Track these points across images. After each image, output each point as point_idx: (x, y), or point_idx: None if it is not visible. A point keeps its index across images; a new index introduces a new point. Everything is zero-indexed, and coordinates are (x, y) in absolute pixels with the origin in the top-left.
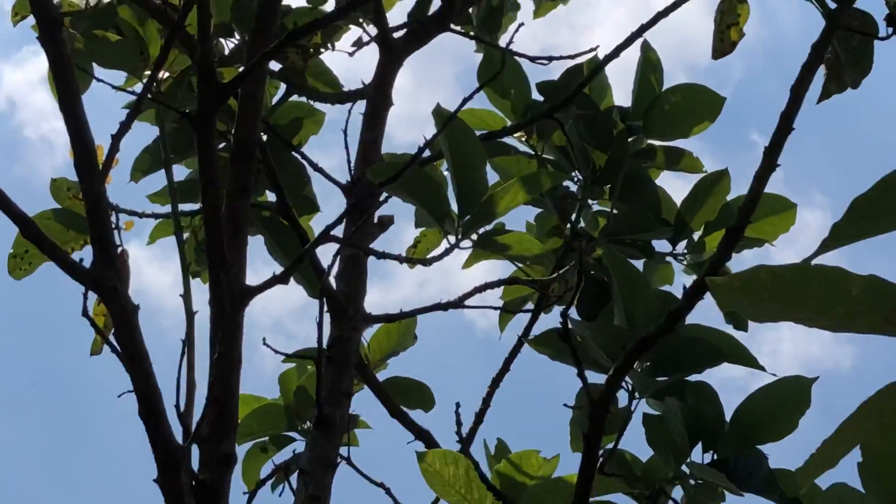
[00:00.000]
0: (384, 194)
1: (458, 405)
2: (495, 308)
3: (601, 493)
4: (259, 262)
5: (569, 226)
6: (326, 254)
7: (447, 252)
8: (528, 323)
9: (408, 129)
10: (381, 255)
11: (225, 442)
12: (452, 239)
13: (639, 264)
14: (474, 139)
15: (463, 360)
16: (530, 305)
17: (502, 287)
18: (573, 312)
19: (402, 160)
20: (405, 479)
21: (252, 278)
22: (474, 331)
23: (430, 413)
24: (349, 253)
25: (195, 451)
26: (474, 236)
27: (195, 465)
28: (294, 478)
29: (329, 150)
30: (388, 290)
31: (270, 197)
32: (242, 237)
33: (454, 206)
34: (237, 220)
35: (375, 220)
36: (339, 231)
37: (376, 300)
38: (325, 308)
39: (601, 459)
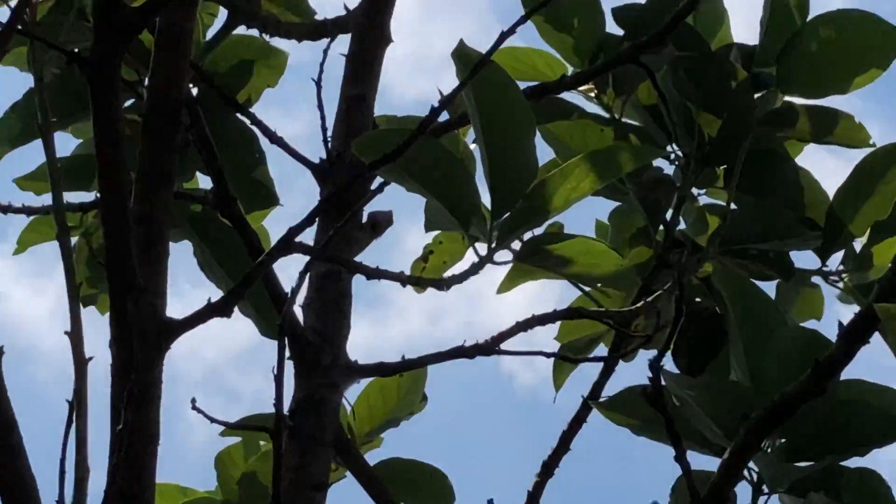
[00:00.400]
0: (378, 180)
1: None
2: (547, 355)
3: None
4: (185, 282)
5: (661, 228)
6: (289, 270)
7: (475, 269)
8: (599, 377)
9: (414, 80)
10: (374, 274)
11: None
12: (483, 248)
13: (769, 288)
14: (517, 95)
15: (497, 431)
16: (601, 350)
17: (558, 323)
18: (668, 362)
19: (406, 127)
20: None
21: (176, 307)
22: (514, 388)
23: None
24: (324, 269)
25: None
26: (516, 244)
27: None
28: None
29: (294, 112)
30: (383, 326)
31: (204, 183)
32: (161, 245)
33: (485, 199)
34: (153, 218)
35: (364, 220)
36: (308, 236)
37: (366, 341)
38: (288, 354)
39: None
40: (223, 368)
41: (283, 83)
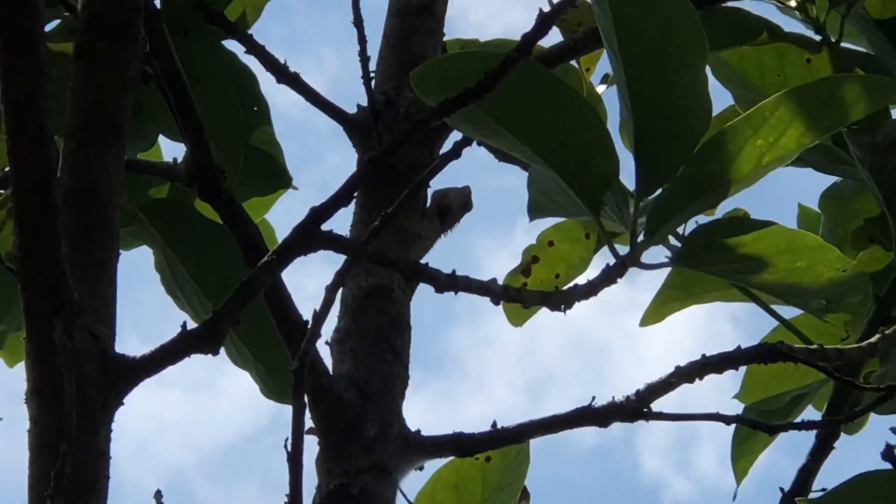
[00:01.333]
0: (451, 137)
1: None
2: (728, 420)
3: None
4: (146, 303)
5: None
6: (311, 285)
7: (612, 275)
8: (808, 458)
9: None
10: (450, 285)
11: None
12: (623, 247)
13: None
14: (680, 1)
15: None
16: (809, 411)
17: (743, 368)
18: None
19: (493, 53)
20: None
21: (133, 340)
22: (632, 473)
23: None
24: (367, 283)
25: None
26: (672, 238)
27: None
28: None
29: (314, 38)
30: (464, 399)
31: (171, 151)
32: (106, 237)
33: (625, 167)
34: (94, 195)
35: (428, 204)
36: (341, 225)
37: (433, 399)
38: (310, 422)
39: None
40: (193, 473)
41: (295, 16)
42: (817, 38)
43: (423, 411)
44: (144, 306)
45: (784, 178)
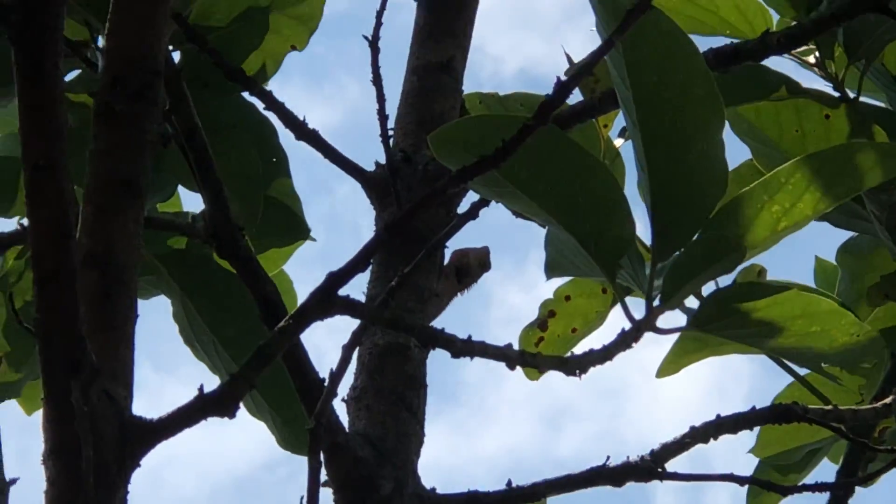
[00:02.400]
0: (469, 197)
1: None
2: (742, 481)
3: None
4: (164, 360)
5: None
6: (327, 343)
7: (627, 340)
8: None
9: (523, 42)
10: (466, 350)
11: None
12: (639, 307)
13: None
14: (696, 62)
15: None
16: (826, 471)
17: (757, 429)
18: None
19: (512, 115)
20: None
21: (148, 401)
22: None
23: None
24: (383, 342)
25: None
26: (691, 300)
27: None
28: None
29: (330, 89)
30: (469, 433)
31: (190, 203)
32: (124, 299)
33: (642, 228)
34: (111, 257)
35: (446, 262)
36: (358, 287)
37: (443, 457)
38: (324, 476)
39: None
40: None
41: (315, 43)
42: (836, 94)
43: (439, 443)
44: (159, 335)
45: (802, 229)
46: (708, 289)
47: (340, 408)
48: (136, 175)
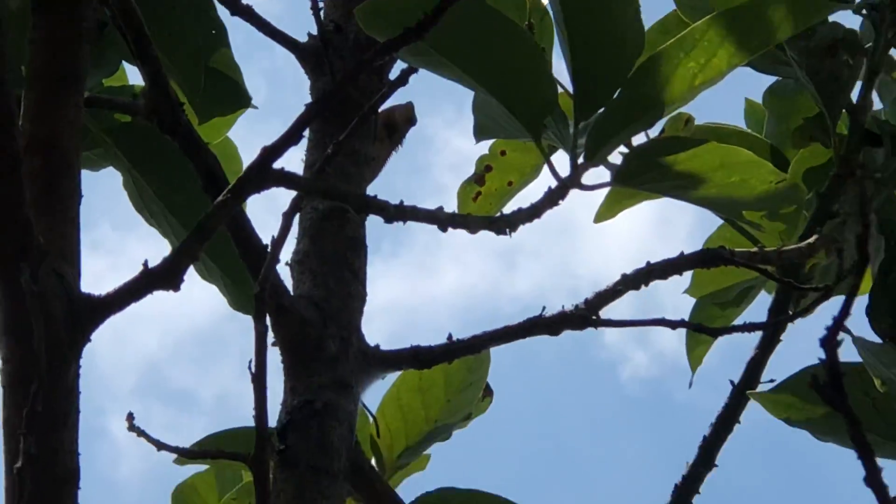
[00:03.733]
0: (399, 65)
1: None
2: (673, 324)
3: None
4: (121, 219)
5: (845, 115)
6: (270, 214)
7: (553, 198)
8: (756, 352)
9: None
10: (398, 215)
11: None
12: (564, 163)
13: None
14: None
15: (601, 438)
16: (759, 310)
17: (691, 272)
18: (857, 320)
19: None
20: None
21: (96, 276)
22: (621, 376)
23: None
24: (324, 207)
25: None
26: (615, 156)
27: None
28: None
29: None
30: (418, 282)
31: (134, 77)
32: (68, 182)
33: (568, 87)
34: (54, 142)
35: (378, 126)
36: (292, 160)
37: (391, 306)
38: (273, 338)
39: None
40: (171, 359)
41: None
42: None
43: (399, 284)
44: (115, 195)
45: (734, 71)
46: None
47: (285, 273)
48: (75, 62)
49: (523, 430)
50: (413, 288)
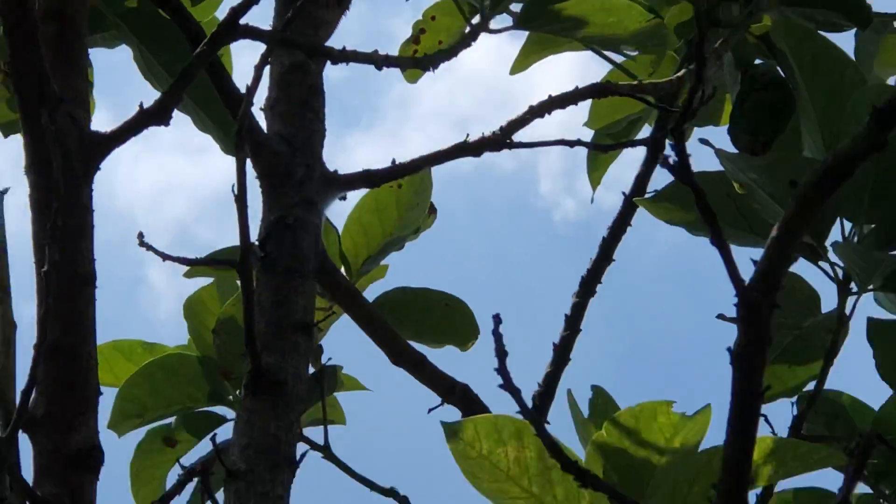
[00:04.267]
0: None
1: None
2: (570, 143)
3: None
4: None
5: None
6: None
7: (466, 40)
8: (643, 168)
9: None
10: (341, 57)
11: (78, 427)
12: (476, 18)
13: (843, 40)
14: None
15: (522, 252)
16: (644, 133)
17: (589, 102)
18: (719, 136)
19: None
20: (426, 473)
21: (105, 119)
22: (553, 219)
23: (470, 352)
24: (289, 62)
25: (24, 444)
26: (515, 6)
27: (27, 470)
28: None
29: None
30: (380, 143)
31: None
32: (77, 44)
33: None
34: (64, 13)
35: None
36: (260, 17)
37: (349, 150)
38: (254, 170)
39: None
40: (197, 220)
41: None
42: None
43: (372, 151)
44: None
45: None
46: None
47: (260, 117)
48: None
49: (470, 251)
50: (386, 154)
